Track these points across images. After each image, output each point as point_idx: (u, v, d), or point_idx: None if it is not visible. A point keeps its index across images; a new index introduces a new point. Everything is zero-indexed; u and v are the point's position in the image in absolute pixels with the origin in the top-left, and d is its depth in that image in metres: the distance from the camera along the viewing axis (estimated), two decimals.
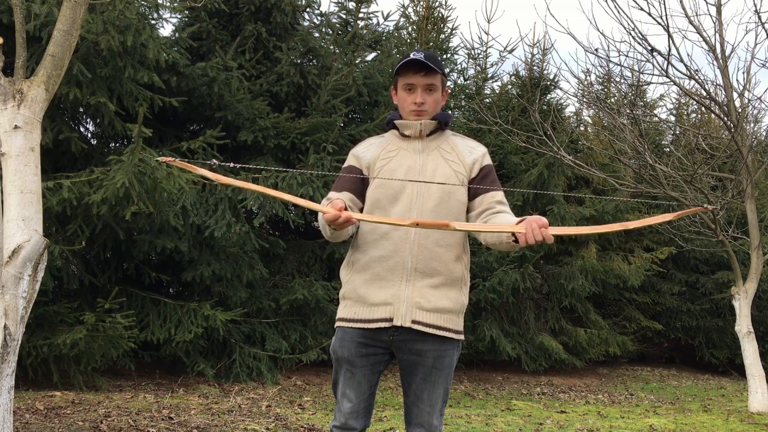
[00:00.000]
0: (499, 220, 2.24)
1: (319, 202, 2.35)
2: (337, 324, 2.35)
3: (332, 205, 2.10)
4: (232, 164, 2.20)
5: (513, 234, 2.10)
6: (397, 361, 2.34)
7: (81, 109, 6.23)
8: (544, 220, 2.04)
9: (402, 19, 9.71)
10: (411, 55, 2.31)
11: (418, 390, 2.29)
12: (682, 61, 6.88)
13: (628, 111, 7.85)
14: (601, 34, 14.68)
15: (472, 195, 2.35)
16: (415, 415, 2.30)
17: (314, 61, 7.75)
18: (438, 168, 2.32)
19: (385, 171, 2.31)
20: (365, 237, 2.30)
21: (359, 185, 2.33)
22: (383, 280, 2.24)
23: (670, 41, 6.66)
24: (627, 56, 16.28)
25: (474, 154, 2.38)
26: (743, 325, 7.01)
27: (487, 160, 2.40)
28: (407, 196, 2.27)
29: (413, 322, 2.22)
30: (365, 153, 2.38)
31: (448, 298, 2.26)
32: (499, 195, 2.34)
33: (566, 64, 11.38)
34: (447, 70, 9.72)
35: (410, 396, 2.31)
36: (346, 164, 2.40)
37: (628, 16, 12.75)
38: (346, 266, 2.37)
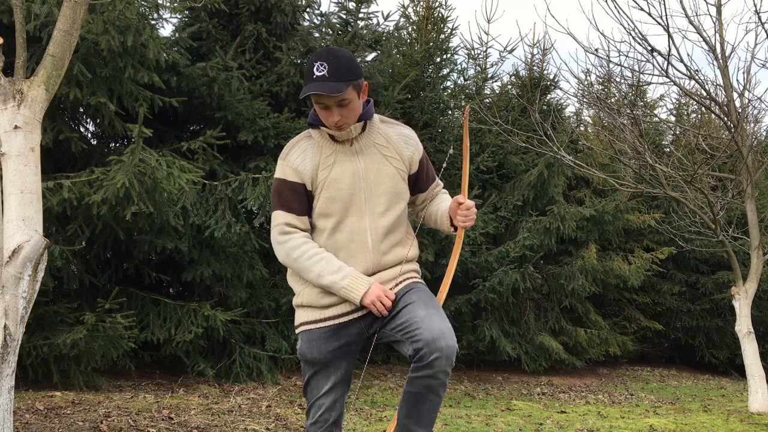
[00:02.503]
0: (435, 206, 2.44)
1: None
2: (301, 329, 2.33)
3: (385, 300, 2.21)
4: None
5: (452, 223, 2.37)
6: (377, 339, 2.30)
7: (81, 109, 6.24)
8: (462, 203, 2.31)
9: (402, 19, 9.71)
10: (314, 72, 2.17)
11: (404, 313, 2.20)
12: (682, 61, 6.87)
13: (628, 111, 7.85)
14: (601, 34, 14.64)
15: (417, 189, 2.44)
16: (413, 331, 2.14)
17: None
18: (381, 168, 2.30)
19: (330, 182, 2.25)
20: (323, 248, 2.28)
21: (307, 203, 2.28)
22: None
23: (670, 41, 6.66)
24: (627, 56, 16.23)
25: (410, 145, 2.38)
26: (743, 326, 7.01)
27: (421, 148, 2.42)
28: (356, 203, 2.26)
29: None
30: (302, 164, 2.26)
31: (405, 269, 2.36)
32: (436, 181, 2.49)
33: (566, 64, 11.37)
34: (447, 71, 9.71)
35: (398, 323, 2.20)
36: (285, 177, 2.27)
37: (628, 17, 12.74)
38: (298, 276, 2.33)
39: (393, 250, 2.31)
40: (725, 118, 6.91)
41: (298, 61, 7.42)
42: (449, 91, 9.86)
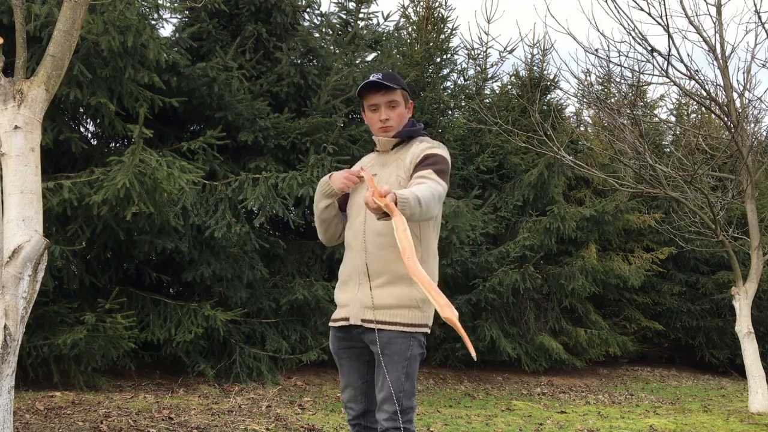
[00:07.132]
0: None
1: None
2: (330, 324, 2.68)
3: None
4: None
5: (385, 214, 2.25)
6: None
7: (81, 110, 6.23)
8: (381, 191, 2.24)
9: (402, 20, 9.72)
10: (370, 78, 2.53)
11: (375, 377, 2.50)
12: (682, 61, 6.88)
13: (628, 111, 7.85)
14: (601, 34, 14.67)
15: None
16: (373, 401, 2.51)
17: (314, 61, 7.75)
18: (388, 179, 2.51)
19: (359, 185, 2.57)
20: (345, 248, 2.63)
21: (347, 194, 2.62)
22: (345, 285, 2.57)
23: (670, 41, 6.66)
24: (627, 56, 16.27)
25: (416, 151, 2.51)
26: (743, 326, 7.00)
27: (430, 151, 2.49)
28: (363, 207, 2.47)
29: (362, 320, 2.48)
30: (359, 165, 2.67)
31: (392, 296, 2.44)
32: (423, 171, 2.43)
33: (566, 64, 11.34)
34: (447, 71, 9.74)
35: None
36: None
37: (628, 17, 12.73)
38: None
39: (380, 254, 2.44)
40: (725, 118, 6.91)
41: (298, 62, 7.42)
42: (449, 91, 9.86)
